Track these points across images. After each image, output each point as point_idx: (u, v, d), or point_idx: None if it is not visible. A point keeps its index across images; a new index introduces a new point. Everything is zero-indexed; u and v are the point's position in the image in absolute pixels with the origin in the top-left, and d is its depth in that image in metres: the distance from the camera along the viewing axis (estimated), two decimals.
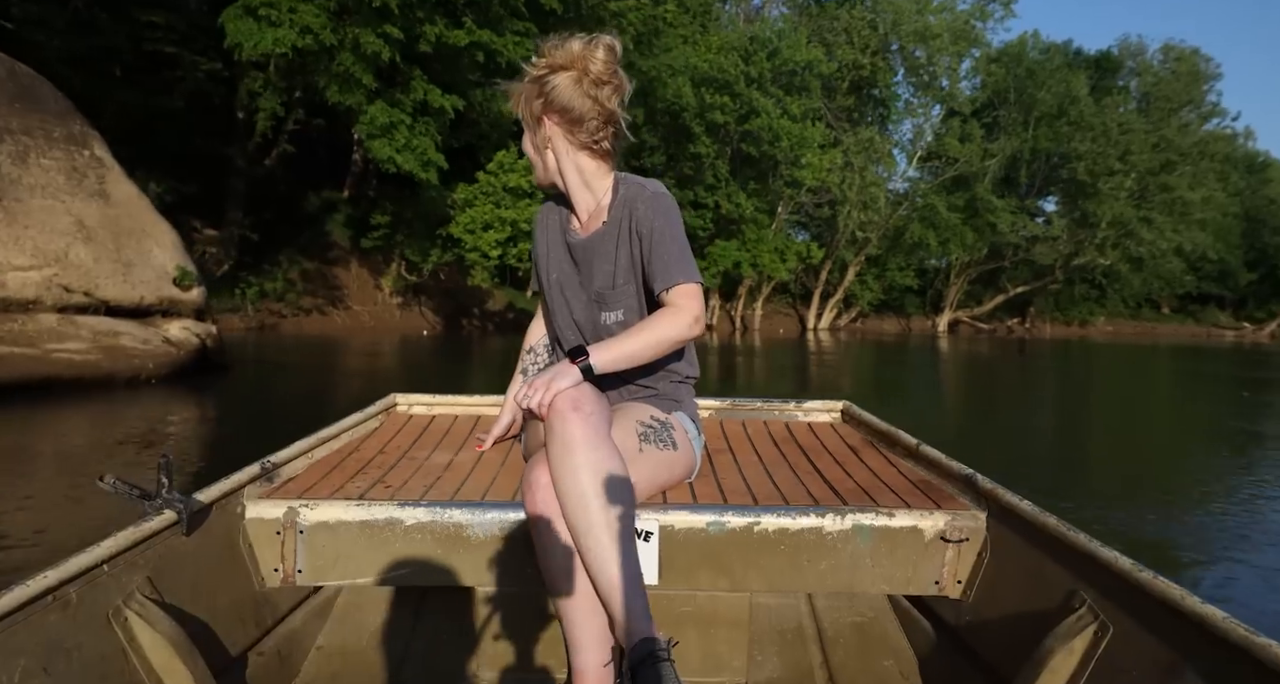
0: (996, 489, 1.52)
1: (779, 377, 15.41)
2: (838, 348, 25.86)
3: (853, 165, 33.61)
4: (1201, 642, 1.04)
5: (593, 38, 1.55)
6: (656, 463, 1.50)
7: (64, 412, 7.00)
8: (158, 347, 8.34)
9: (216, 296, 20.33)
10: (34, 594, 1.01)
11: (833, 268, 37.67)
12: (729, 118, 28.38)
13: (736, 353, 21.32)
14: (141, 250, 8.58)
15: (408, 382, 10.59)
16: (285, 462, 1.68)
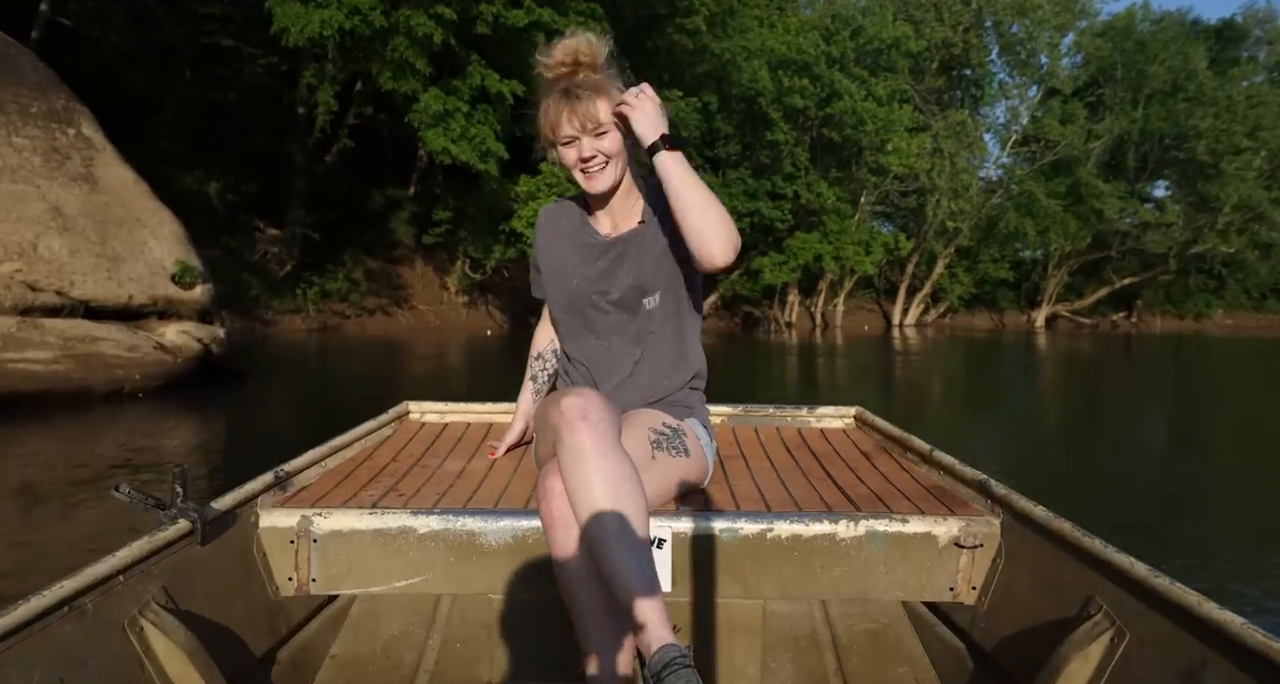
0: (1010, 495, 1.49)
1: (860, 378, 13.76)
2: (924, 346, 23.70)
3: (942, 151, 30.93)
4: (1219, 648, 1.00)
5: None
6: (669, 470, 1.50)
7: (20, 434, 5.76)
8: (147, 354, 7.06)
9: (278, 297, 19.61)
10: (50, 604, 0.99)
11: (919, 261, 34.97)
12: (809, 102, 26.25)
13: (816, 353, 19.40)
14: (133, 242, 7.33)
15: (455, 390, 9.16)
16: (298, 470, 1.64)
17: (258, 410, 7.17)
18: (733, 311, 34.10)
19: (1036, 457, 6.32)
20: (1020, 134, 33.97)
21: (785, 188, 27.71)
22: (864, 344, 23.53)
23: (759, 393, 11.10)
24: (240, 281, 18.43)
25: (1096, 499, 4.75)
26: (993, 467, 1.79)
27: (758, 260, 29.05)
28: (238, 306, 18.04)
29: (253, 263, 19.39)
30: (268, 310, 18.76)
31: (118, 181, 7.47)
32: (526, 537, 1.43)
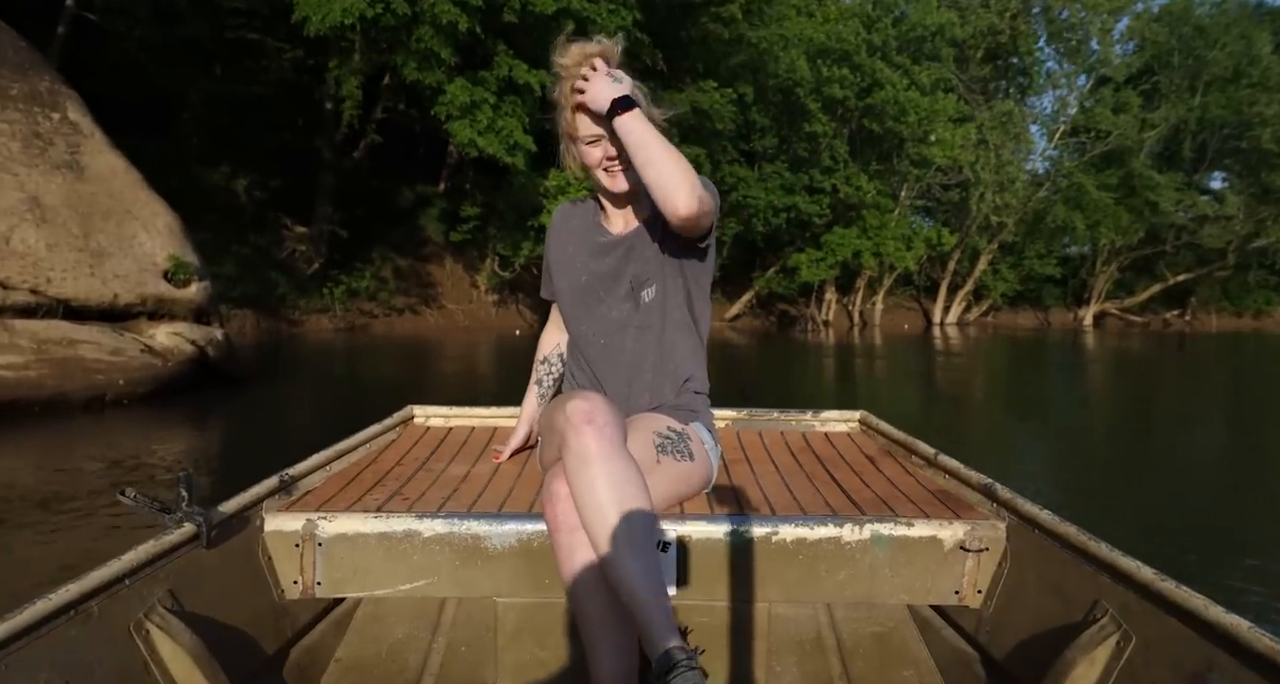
0: (1015, 498, 1.48)
1: (901, 379, 12.98)
2: (966, 345, 22.59)
3: (987, 142, 29.57)
4: (1226, 652, 0.99)
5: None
6: (674, 474, 1.48)
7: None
8: (132, 358, 6.41)
9: (305, 297, 19.12)
10: (56, 608, 0.99)
11: (961, 257, 33.60)
12: (848, 92, 25.15)
13: (854, 352, 18.42)
14: (121, 236, 6.68)
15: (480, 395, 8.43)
16: (303, 474, 1.64)
17: (253, 419, 6.47)
18: (768, 310, 33.09)
19: (1086, 473, 5.53)
20: (1069, 124, 32.42)
21: (823, 181, 26.66)
22: (903, 343, 22.49)
23: (795, 395, 10.30)
24: (267, 280, 17.96)
25: (1150, 523, 4.05)
26: (1041, 484, 1.35)
27: (794, 257, 28.01)
28: (264, 306, 17.58)
29: (280, 261, 18.92)
30: (294, 310, 18.27)
31: (106, 170, 6.83)
32: (531, 540, 1.41)
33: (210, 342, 7.18)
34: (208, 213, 17.82)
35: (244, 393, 7.59)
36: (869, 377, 13.45)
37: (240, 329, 16.78)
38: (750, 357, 17.76)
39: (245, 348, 15.33)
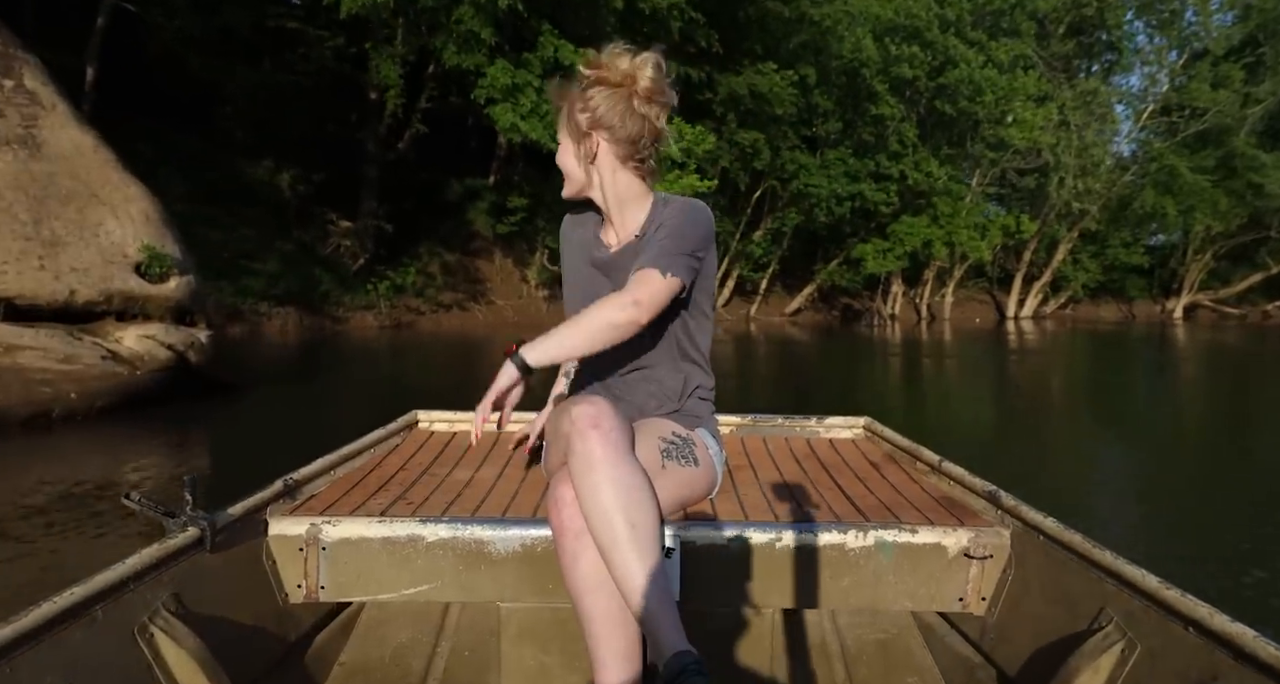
0: (1020, 505, 1.46)
1: (973, 380, 11.50)
2: (1044, 340, 20.66)
3: (1069, 123, 27.18)
4: (1231, 660, 0.97)
5: (640, 54, 1.47)
6: (678, 479, 1.46)
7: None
8: (91, 365, 5.36)
9: (350, 293, 18.30)
10: (60, 611, 0.98)
11: (1038, 246, 31.20)
12: (919, 71, 23.24)
13: (921, 350, 16.72)
14: (83, 223, 5.64)
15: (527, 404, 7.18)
16: (308, 479, 1.63)
17: (225, 438, 5.33)
18: (830, 304, 31.33)
19: (1189, 500, 4.31)
20: (1158, 103, 29.69)
21: (891, 168, 24.80)
22: (975, 338, 20.64)
23: (856, 395, 8.85)
24: (310, 277, 17.17)
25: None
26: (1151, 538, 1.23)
27: (859, 248, 26.22)
28: (307, 303, 16.78)
29: (324, 257, 18.12)
30: (338, 307, 17.44)
31: (69, 147, 5.80)
32: (535, 545, 1.40)
33: (191, 345, 6.11)
34: (250, 208, 17.16)
35: (234, 403, 6.50)
36: (937, 376, 11.91)
37: (281, 328, 16.03)
38: (810, 354, 16.28)
39: (289, 347, 14.67)
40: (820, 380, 11.13)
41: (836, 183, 24.44)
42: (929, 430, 6.25)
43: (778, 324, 26.82)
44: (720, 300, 27.10)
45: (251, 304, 15.65)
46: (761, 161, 22.97)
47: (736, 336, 20.12)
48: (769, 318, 28.32)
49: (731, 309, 27.84)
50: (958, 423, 7.13)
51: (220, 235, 15.92)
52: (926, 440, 2.01)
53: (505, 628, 1.46)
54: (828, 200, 24.68)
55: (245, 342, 14.26)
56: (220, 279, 15.37)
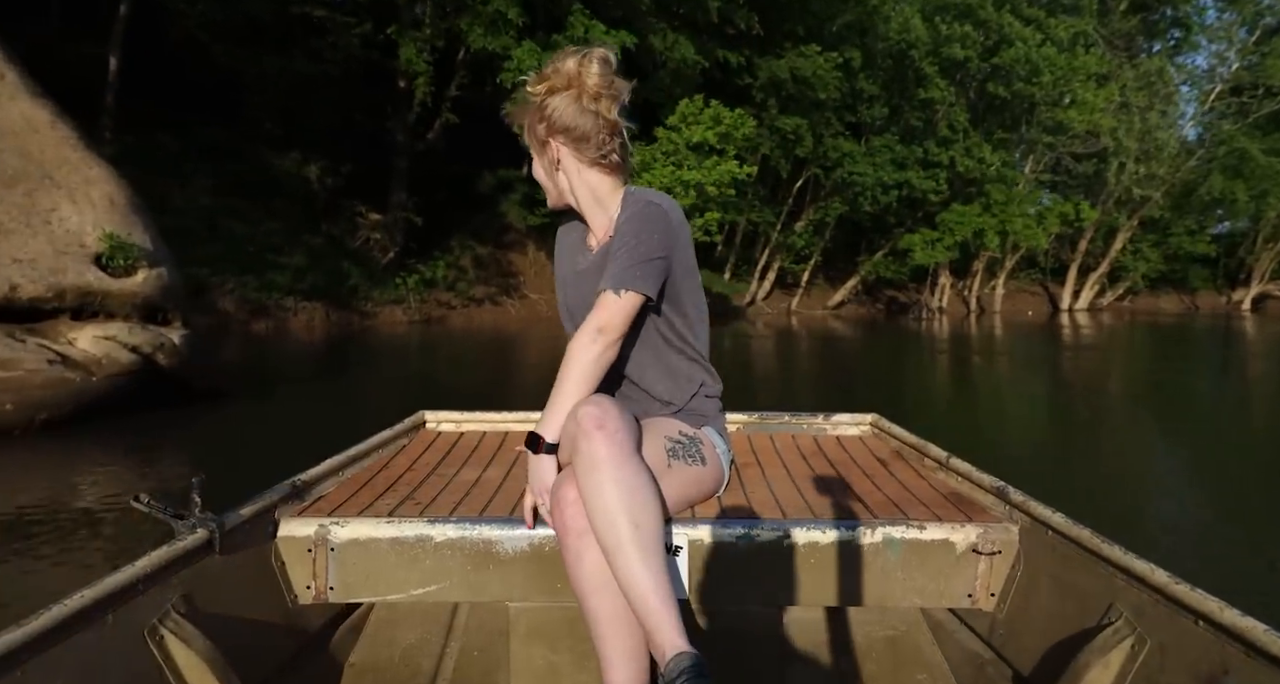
0: (1028, 501, 1.44)
1: (1024, 375, 10.56)
2: (1101, 333, 19.31)
3: (1130, 105, 25.35)
4: (1241, 654, 0.96)
5: (585, 52, 1.44)
6: (685, 478, 1.44)
7: None
8: (33, 371, 4.58)
9: (379, 288, 17.62)
10: (71, 614, 0.97)
11: (1095, 235, 29.38)
12: (971, 52, 21.76)
13: (970, 345, 15.47)
14: (31, 208, 4.86)
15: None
16: (316, 480, 1.61)
17: (184, 459, 4.49)
18: (875, 296, 29.94)
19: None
20: (1228, 82, 27.61)
21: (939, 154, 23.33)
22: (1028, 332, 19.30)
23: (900, 396, 7.88)
24: (338, 271, 16.51)
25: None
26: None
27: (906, 238, 24.81)
28: (335, 298, 16.13)
29: (353, 250, 17.47)
30: (366, 302, 16.77)
31: (18, 122, 5.04)
32: (543, 545, 1.39)
33: (160, 346, 5.30)
34: (277, 200, 16.57)
35: (212, 413, 5.69)
36: (988, 375, 10.80)
37: (308, 323, 15.40)
38: (853, 349, 15.14)
39: (314, 343, 14.05)
40: (864, 378, 10.05)
41: (882, 170, 23.09)
42: (982, 441, 5.41)
43: (820, 318, 25.70)
44: (760, 293, 26.03)
45: (277, 299, 15.04)
46: (804, 149, 21.74)
47: (778, 331, 19.06)
48: (811, 311, 27.14)
49: (772, 302, 26.69)
50: (1012, 430, 6.23)
51: (246, 228, 15.35)
52: (980, 452, 1.86)
53: (514, 627, 1.45)
54: (873, 189, 23.35)
55: (270, 338, 13.66)
56: (245, 274, 14.82)
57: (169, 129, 14.98)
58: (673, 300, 1.51)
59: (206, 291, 14.10)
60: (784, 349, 14.61)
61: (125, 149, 14.55)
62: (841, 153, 22.97)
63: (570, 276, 1.61)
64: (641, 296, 1.39)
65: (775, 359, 12.53)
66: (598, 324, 1.37)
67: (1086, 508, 1.74)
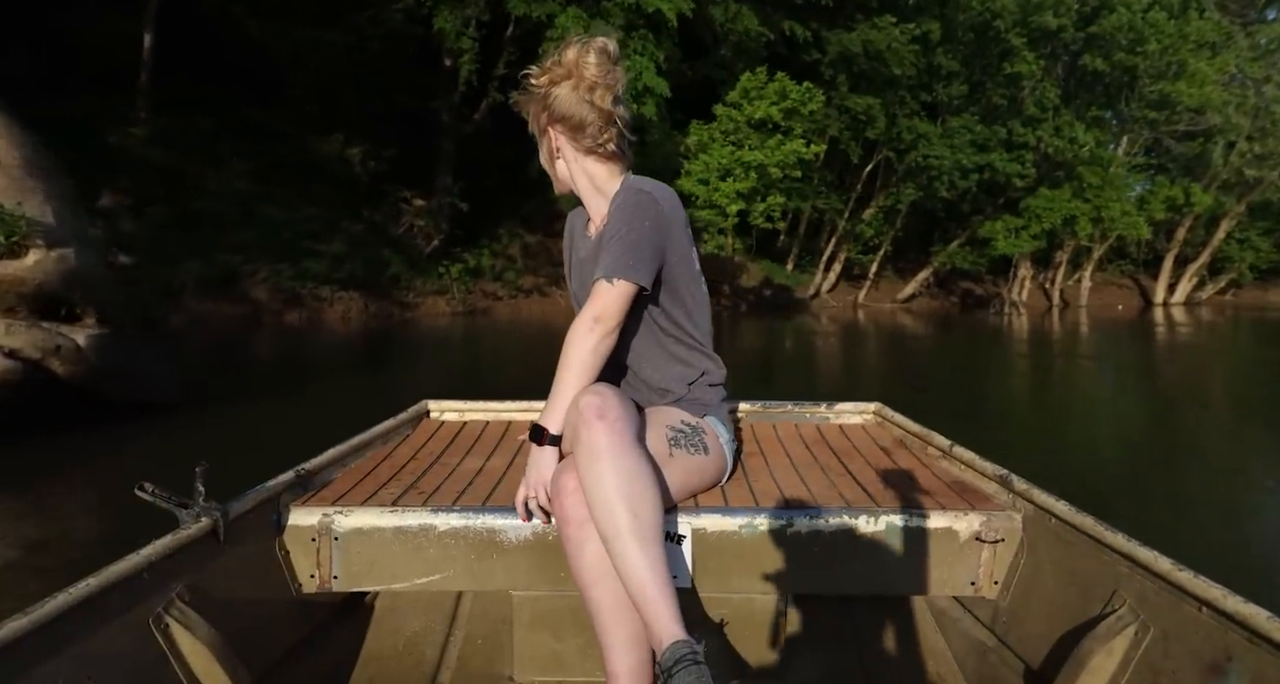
0: (1032, 489, 1.40)
1: (1118, 379, 8.81)
2: (1201, 331, 16.92)
3: (1244, 77, 22.36)
4: (1245, 641, 0.94)
5: (585, 42, 1.42)
6: (687, 467, 1.42)
7: None
8: None
9: (421, 277, 16.48)
10: (75, 602, 0.96)
11: (1195, 223, 26.31)
12: (1065, 20, 19.31)
13: (1055, 345, 13.49)
14: None
15: None
16: (319, 469, 1.56)
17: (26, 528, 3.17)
18: (948, 289, 27.58)
19: None
20: None
21: (1025, 135, 20.96)
22: (1119, 329, 17.05)
23: (979, 405, 6.48)
24: (379, 259, 15.41)
25: None
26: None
27: (986, 226, 22.48)
28: (373, 287, 15.03)
29: (396, 237, 16.36)
30: (407, 292, 15.64)
31: None
32: (546, 534, 1.37)
33: (56, 350, 4.02)
34: (317, 184, 15.54)
35: (112, 438, 4.35)
36: (1077, 378, 8.91)
37: (344, 314, 14.34)
38: (925, 347, 13.31)
39: (346, 335, 12.99)
40: (940, 383, 8.28)
41: (961, 153, 20.87)
42: (1080, 471, 4.09)
43: (888, 312, 23.68)
44: (825, 285, 24.10)
45: (312, 288, 14.01)
46: (875, 130, 19.70)
47: (843, 326, 17.23)
48: (879, 304, 25.07)
49: (837, 295, 24.71)
50: (1115, 459, 4.77)
51: (283, 214, 14.35)
52: (1093, 493, 1.78)
53: (518, 616, 1.43)
54: (950, 173, 21.15)
55: (304, 329, 12.62)
56: (280, 261, 13.84)
57: (205, 110, 14.07)
58: (670, 288, 1.48)
59: (237, 280, 13.17)
60: (849, 346, 12.89)
61: (159, 130, 13.74)
62: (916, 134, 20.83)
63: (574, 263, 1.60)
64: (635, 285, 1.35)
65: (838, 358, 10.83)
66: (594, 313, 1.33)
67: (1211, 564, 1.08)
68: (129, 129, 12.90)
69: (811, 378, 8.15)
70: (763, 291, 22.87)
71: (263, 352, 10.49)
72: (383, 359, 9.74)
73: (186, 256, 12.47)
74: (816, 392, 6.83)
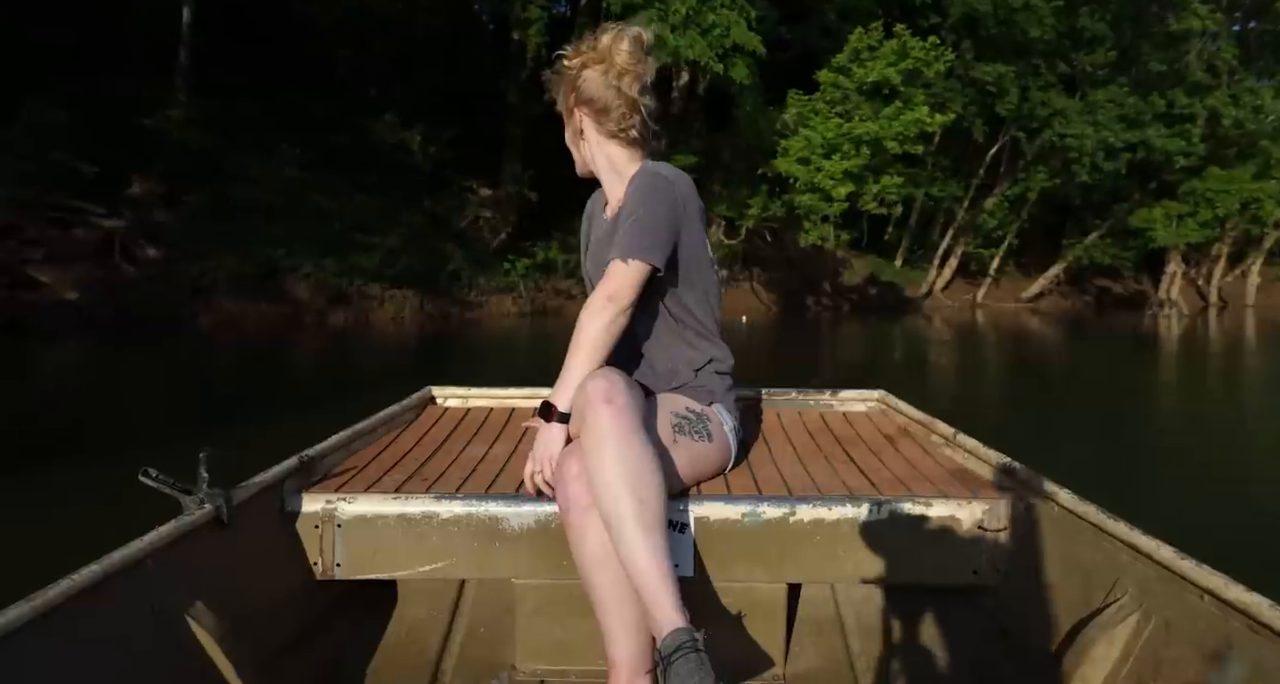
0: (1035, 477, 1.36)
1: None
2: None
3: None
4: (1247, 631, 0.93)
5: (620, 30, 1.39)
6: (691, 455, 1.37)
7: None
8: None
9: (485, 274, 14.53)
10: (78, 589, 0.93)
11: None
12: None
13: (1208, 354, 10.18)
14: None
15: None
16: (323, 456, 1.49)
17: None
18: (1080, 287, 23.71)
19: None
20: None
21: (1190, 105, 17.12)
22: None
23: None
24: (438, 253, 13.57)
25: None
26: None
27: (1140, 214, 18.72)
28: (431, 284, 13.19)
29: (459, 230, 14.52)
30: (469, 289, 13.75)
31: None
32: (549, 521, 1.32)
33: None
34: (373, 173, 13.88)
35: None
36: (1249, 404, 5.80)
37: (395, 315, 12.55)
38: (1056, 356, 10.37)
39: (402, 337, 11.17)
40: (1103, 414, 5.42)
41: (1106, 130, 17.34)
42: None
43: (1011, 313, 20.42)
44: (940, 282, 20.87)
45: (360, 285, 12.28)
46: (1007, 105, 16.43)
47: (959, 329, 14.32)
48: (1000, 304, 21.66)
49: (953, 293, 21.41)
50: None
51: (334, 204, 12.68)
52: None
53: (520, 604, 1.39)
54: (1092, 154, 17.62)
55: (349, 331, 10.88)
56: (326, 255, 12.17)
57: (251, 92, 12.56)
58: (682, 273, 1.43)
59: (277, 275, 11.55)
60: (967, 357, 10.11)
61: (198, 112, 12.34)
62: (1052, 110, 17.39)
63: (590, 244, 1.56)
64: (649, 266, 1.32)
65: (955, 373, 8.15)
66: (606, 292, 1.30)
67: None
68: (166, 111, 11.47)
69: (928, 399, 5.53)
70: (867, 290, 19.92)
71: (298, 357, 8.76)
72: (438, 366, 7.82)
73: (222, 250, 10.94)
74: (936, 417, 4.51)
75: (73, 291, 9.39)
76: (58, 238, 9.70)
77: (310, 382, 7.00)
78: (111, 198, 10.34)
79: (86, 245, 9.90)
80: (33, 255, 9.36)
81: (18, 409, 4.97)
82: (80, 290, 9.42)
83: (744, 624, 1.38)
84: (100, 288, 9.61)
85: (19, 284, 9.07)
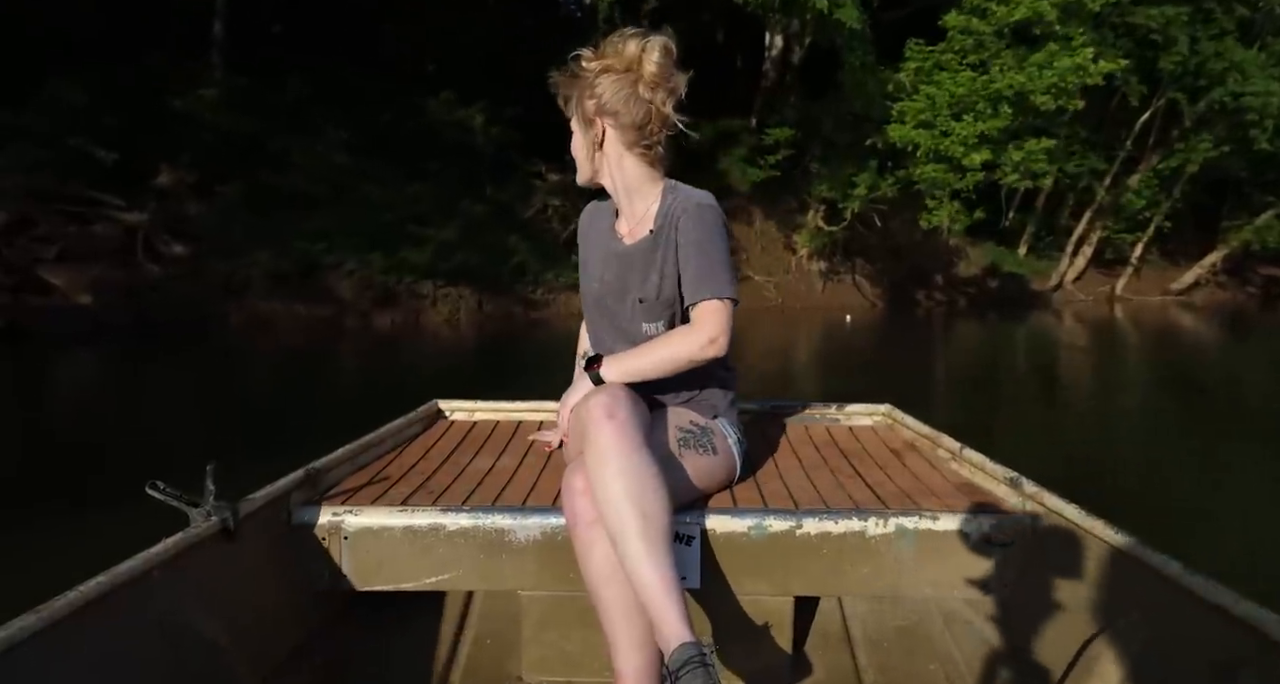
0: (1042, 492, 1.33)
1: None
2: None
3: None
4: (1255, 648, 0.90)
5: (647, 38, 1.32)
6: (696, 468, 1.35)
7: None
8: None
9: (554, 269, 12.16)
10: (85, 600, 0.92)
11: None
12: None
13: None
14: None
15: None
16: (329, 468, 1.46)
17: None
18: (1244, 278, 19.78)
19: None
20: None
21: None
22: None
23: None
24: (501, 246, 11.78)
25: None
26: None
27: None
28: (491, 281, 11.44)
29: (525, 221, 12.70)
30: (535, 286, 11.92)
31: None
32: (555, 534, 1.29)
33: None
34: (431, 160, 12.26)
35: None
36: None
37: (450, 315, 10.85)
38: (1204, 359, 8.16)
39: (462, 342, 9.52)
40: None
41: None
42: None
43: (1157, 306, 17.38)
44: (1072, 273, 17.64)
45: (410, 284, 10.63)
46: (1174, 57, 13.15)
47: (1096, 328, 11.94)
48: (1145, 297, 18.31)
49: (1086, 285, 18.11)
50: None
51: (384, 193, 11.07)
52: None
53: (526, 616, 1.38)
54: (1277, 116, 14.05)
55: (397, 335, 9.27)
56: (373, 250, 10.62)
57: (292, 70, 11.08)
58: None
59: (317, 272, 10.05)
60: (1106, 363, 7.97)
61: (235, 92, 10.93)
62: (1227, 63, 13.93)
63: (599, 261, 1.48)
64: (734, 300, 1.34)
65: (1088, 386, 6.37)
66: (710, 334, 1.30)
67: None
68: (199, 91, 10.08)
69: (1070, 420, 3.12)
70: (986, 282, 16.94)
71: (339, 365, 7.28)
72: (497, 376, 6.13)
73: (256, 245, 9.51)
74: (1059, 477, 2.89)
75: (86, 295, 8.14)
76: (74, 234, 8.50)
77: (350, 394, 5.69)
78: (135, 188, 9.07)
79: (105, 242, 8.66)
80: (44, 254, 8.15)
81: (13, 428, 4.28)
82: (95, 294, 8.16)
83: (750, 638, 1.35)
84: (119, 290, 8.34)
85: (26, 287, 7.88)
